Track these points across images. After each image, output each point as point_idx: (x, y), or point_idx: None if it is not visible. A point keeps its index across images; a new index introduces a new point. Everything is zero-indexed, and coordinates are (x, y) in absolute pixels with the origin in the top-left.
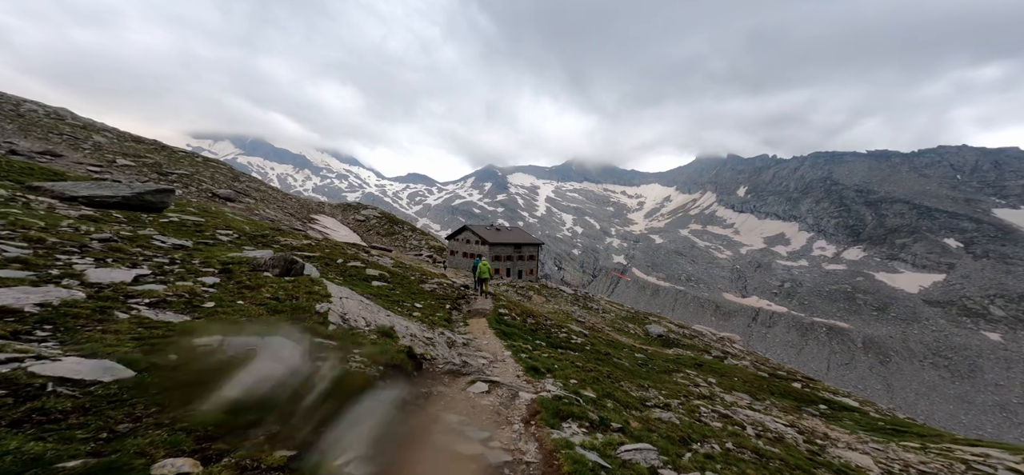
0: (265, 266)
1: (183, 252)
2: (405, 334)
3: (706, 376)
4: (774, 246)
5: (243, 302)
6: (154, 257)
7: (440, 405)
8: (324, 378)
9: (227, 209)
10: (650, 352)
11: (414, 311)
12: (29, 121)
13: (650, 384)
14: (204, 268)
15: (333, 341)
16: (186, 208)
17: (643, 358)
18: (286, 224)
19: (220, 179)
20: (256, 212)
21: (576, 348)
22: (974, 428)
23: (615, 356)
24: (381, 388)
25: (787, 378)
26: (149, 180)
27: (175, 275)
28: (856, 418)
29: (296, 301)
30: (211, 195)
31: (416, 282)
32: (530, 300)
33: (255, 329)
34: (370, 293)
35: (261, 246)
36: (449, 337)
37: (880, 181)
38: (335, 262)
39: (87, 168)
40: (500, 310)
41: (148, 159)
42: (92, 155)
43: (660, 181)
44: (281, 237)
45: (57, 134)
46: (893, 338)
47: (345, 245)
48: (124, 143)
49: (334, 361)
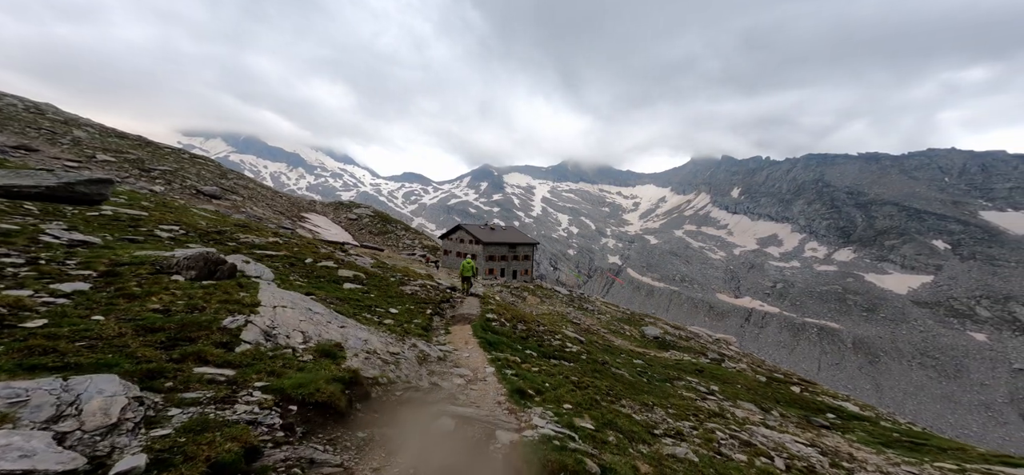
0: (177, 267)
1: (87, 251)
2: (359, 351)
3: (709, 383)
4: (767, 247)
5: (104, 319)
6: (9, 255)
7: (373, 463)
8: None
9: (200, 206)
10: (649, 358)
11: (386, 318)
12: (6, 115)
13: (655, 401)
14: (80, 269)
15: (230, 369)
16: (138, 201)
17: (642, 365)
18: (274, 222)
19: (206, 176)
20: (242, 209)
21: (571, 358)
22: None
23: (613, 365)
24: (272, 451)
25: (784, 381)
26: (130, 176)
27: (17, 281)
28: (868, 428)
29: (199, 313)
30: (196, 192)
31: (395, 284)
32: (524, 301)
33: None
34: (337, 297)
35: (215, 244)
36: (422, 350)
37: (870, 183)
38: (302, 262)
39: (64, 163)
40: (488, 315)
41: (130, 155)
42: (70, 150)
43: (655, 182)
44: (244, 234)
45: (35, 129)
46: (882, 338)
47: (321, 243)
48: (107, 139)
49: (181, 423)
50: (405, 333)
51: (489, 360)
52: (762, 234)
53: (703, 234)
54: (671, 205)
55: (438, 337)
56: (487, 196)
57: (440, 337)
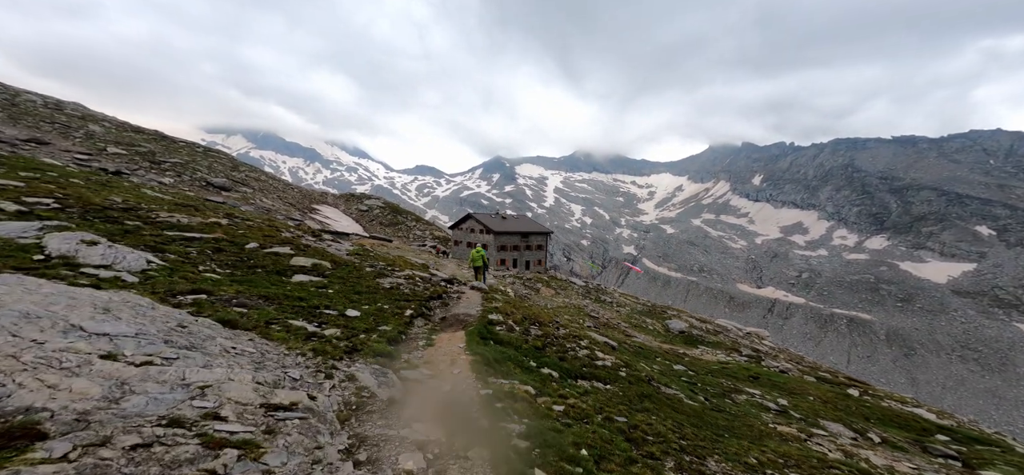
0: None
1: None
2: (123, 422)
3: (772, 394)
4: (791, 235)
5: None
6: None
7: None
8: None
9: (206, 196)
10: (687, 360)
11: (332, 326)
12: (22, 110)
13: (751, 448)
14: None
15: None
16: (15, 172)
17: (687, 374)
18: (284, 213)
19: (218, 169)
20: (251, 201)
21: (606, 376)
22: (1005, 424)
23: (662, 384)
24: None
25: (836, 381)
26: (140, 168)
27: None
28: (1014, 460)
29: None
30: (206, 183)
31: (371, 275)
32: (538, 293)
33: None
34: (263, 296)
35: (105, 223)
36: (361, 388)
37: (906, 167)
38: (241, 248)
39: (74, 155)
40: (491, 316)
41: (141, 148)
42: (82, 143)
43: (671, 170)
44: (173, 213)
45: (49, 123)
46: (919, 330)
47: (286, 226)
48: (122, 133)
49: None
50: (349, 352)
51: (482, 395)
52: (786, 222)
53: (722, 223)
54: (688, 194)
55: (412, 353)
56: (499, 187)
57: (415, 353)
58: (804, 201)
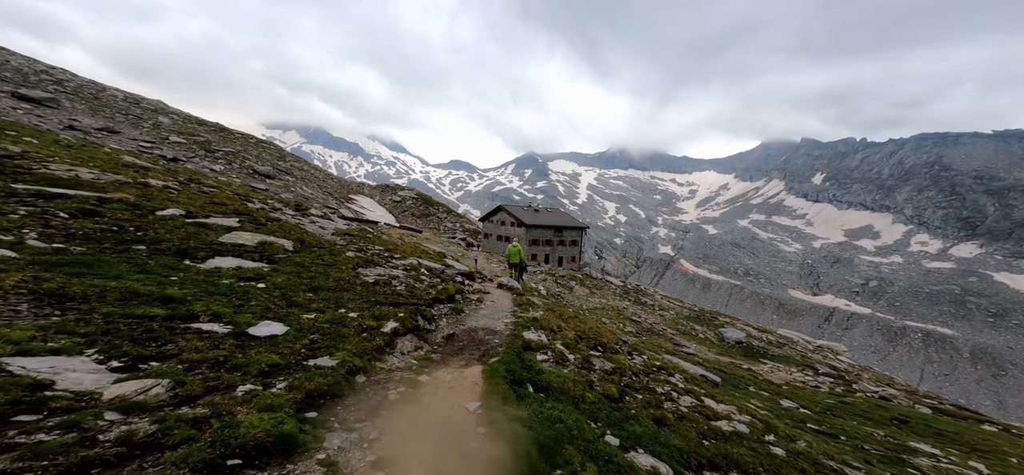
0: None
1: None
2: None
3: (950, 451)
4: (858, 240)
5: None
6: None
7: None
8: None
9: (252, 183)
10: (786, 390)
11: (155, 376)
12: (103, 103)
13: None
14: None
15: None
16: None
17: (815, 418)
18: (321, 201)
19: (266, 158)
20: (291, 189)
21: (751, 466)
22: None
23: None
24: None
25: (969, 415)
26: (195, 155)
27: None
28: None
29: None
30: (252, 171)
31: (352, 264)
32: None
33: None
34: (93, 294)
35: None
36: None
37: (1008, 166)
38: (149, 214)
39: (140, 143)
40: (526, 334)
41: (199, 137)
42: (149, 132)
43: (716, 168)
44: (107, 171)
45: (123, 114)
46: (1012, 349)
47: (261, 197)
48: (186, 124)
49: None
50: None
51: None
52: (852, 225)
53: (774, 224)
54: (735, 192)
55: (355, 429)
56: (532, 183)
57: (362, 427)
58: (876, 202)
